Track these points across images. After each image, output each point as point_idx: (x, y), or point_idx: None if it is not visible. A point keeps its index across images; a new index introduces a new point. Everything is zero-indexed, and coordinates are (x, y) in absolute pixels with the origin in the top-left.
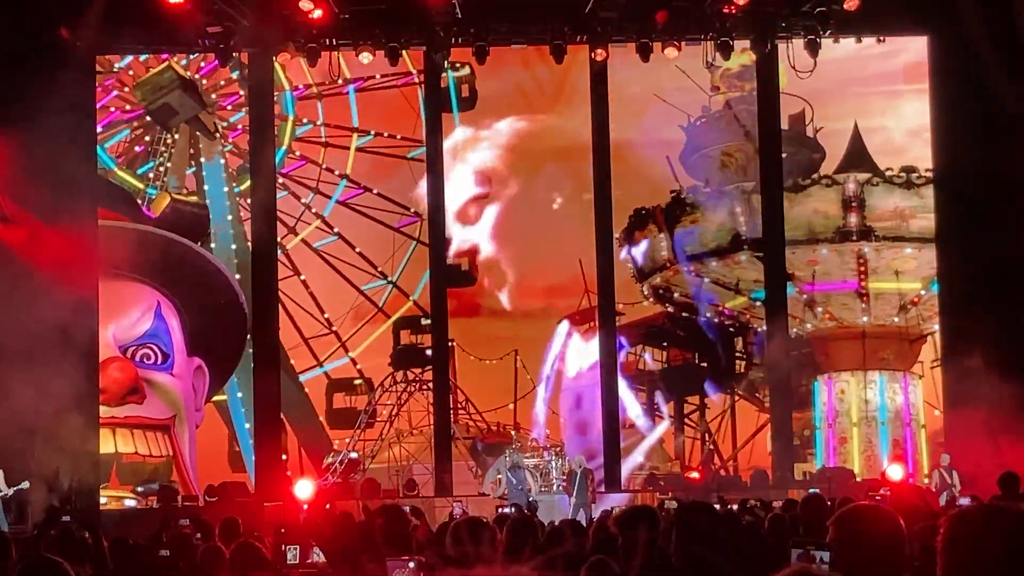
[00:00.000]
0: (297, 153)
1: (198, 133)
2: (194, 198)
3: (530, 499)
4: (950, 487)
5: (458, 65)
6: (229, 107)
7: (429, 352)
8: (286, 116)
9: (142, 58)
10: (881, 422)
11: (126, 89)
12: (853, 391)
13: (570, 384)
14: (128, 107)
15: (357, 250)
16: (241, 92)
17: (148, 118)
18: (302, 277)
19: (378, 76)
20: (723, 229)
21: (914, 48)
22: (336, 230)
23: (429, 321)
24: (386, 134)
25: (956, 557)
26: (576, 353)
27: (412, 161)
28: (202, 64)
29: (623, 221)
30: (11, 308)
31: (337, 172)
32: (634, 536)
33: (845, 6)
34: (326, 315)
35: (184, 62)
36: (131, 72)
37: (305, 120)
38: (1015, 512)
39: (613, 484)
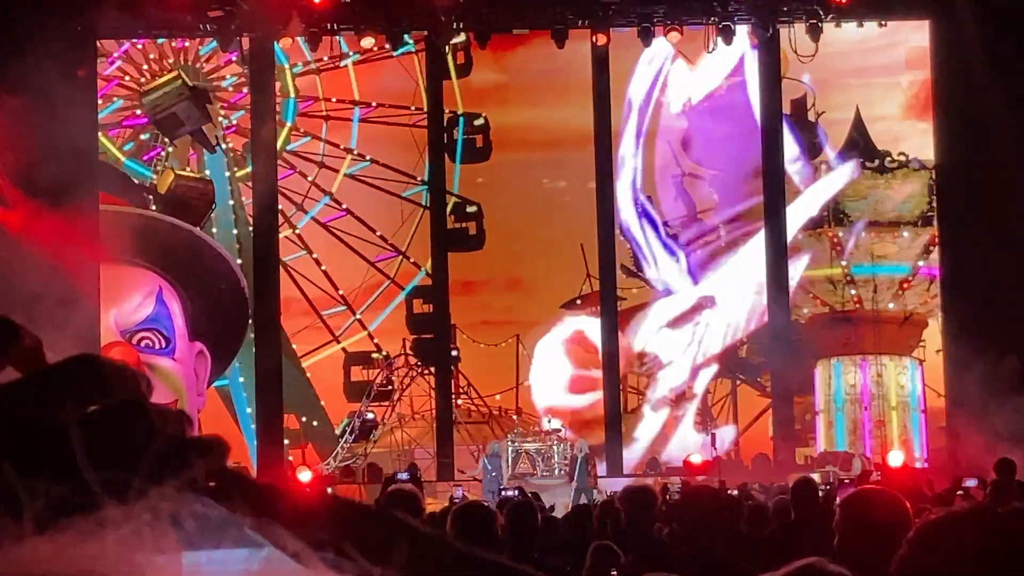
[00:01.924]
0: (301, 129)
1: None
2: (197, 174)
3: (500, 488)
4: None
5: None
6: (230, 88)
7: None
8: (284, 123)
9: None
10: (891, 407)
11: (127, 78)
12: (864, 375)
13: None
14: (128, 78)
15: (366, 223)
16: (245, 91)
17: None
18: (315, 256)
19: (388, 105)
20: None
21: (916, 38)
22: (344, 206)
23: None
24: (388, 104)
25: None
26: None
27: (414, 128)
28: (200, 46)
29: None
30: (10, 293)
31: (342, 146)
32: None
33: None
34: (340, 291)
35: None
36: (140, 46)
37: (303, 130)
38: (985, 518)
39: (615, 468)
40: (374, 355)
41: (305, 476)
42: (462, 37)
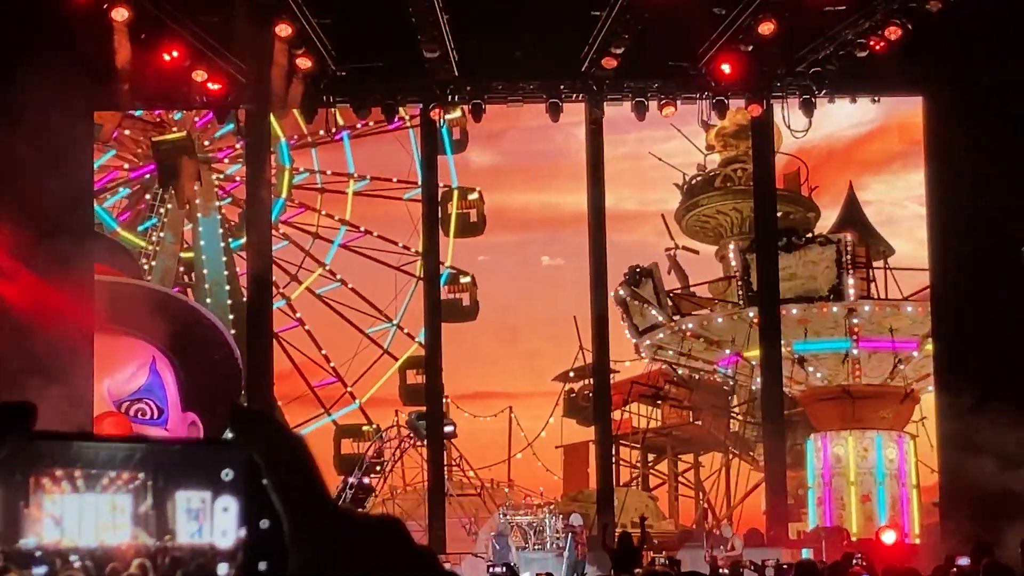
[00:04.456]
0: (296, 201)
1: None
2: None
3: (512, 565)
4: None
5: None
6: (226, 160)
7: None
8: (283, 166)
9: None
10: (879, 482)
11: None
12: (851, 450)
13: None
14: (127, 166)
15: (360, 294)
16: (237, 146)
17: (153, 172)
18: (307, 328)
19: (371, 123)
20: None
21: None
22: (339, 276)
23: None
24: (382, 177)
25: None
26: None
27: (409, 202)
28: (196, 118)
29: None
30: (5, 362)
31: (337, 217)
32: None
33: (840, 66)
34: (332, 364)
35: (179, 115)
36: (127, 132)
37: (301, 168)
38: None
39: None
40: (364, 428)
41: None
42: (458, 113)
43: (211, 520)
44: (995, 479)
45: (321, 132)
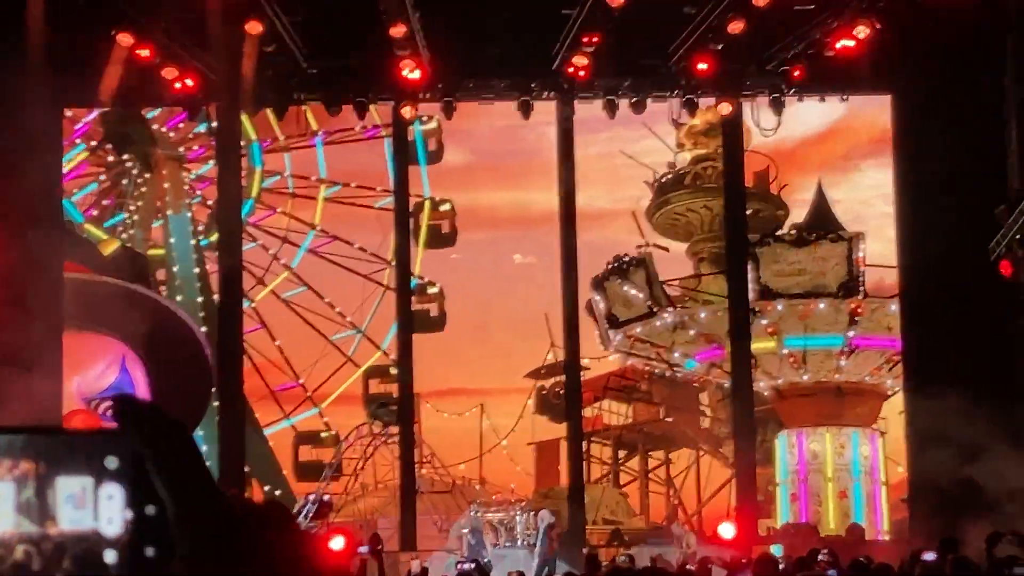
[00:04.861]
0: (266, 204)
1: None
2: (160, 249)
3: (485, 560)
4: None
5: (425, 118)
6: (197, 160)
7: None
8: (253, 168)
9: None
10: (855, 478)
11: (93, 143)
12: (828, 446)
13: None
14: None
15: (326, 300)
16: (208, 145)
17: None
18: (269, 330)
19: (356, 128)
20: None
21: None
22: (304, 281)
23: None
24: (354, 184)
25: None
26: None
27: (381, 211)
28: (169, 117)
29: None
30: None
31: (308, 223)
32: None
33: (809, 65)
34: (293, 368)
35: (152, 113)
36: (99, 128)
37: (273, 171)
38: None
39: (577, 539)
40: (323, 434)
41: None
42: (434, 124)
43: (96, 507)
44: (963, 475)
45: (294, 135)
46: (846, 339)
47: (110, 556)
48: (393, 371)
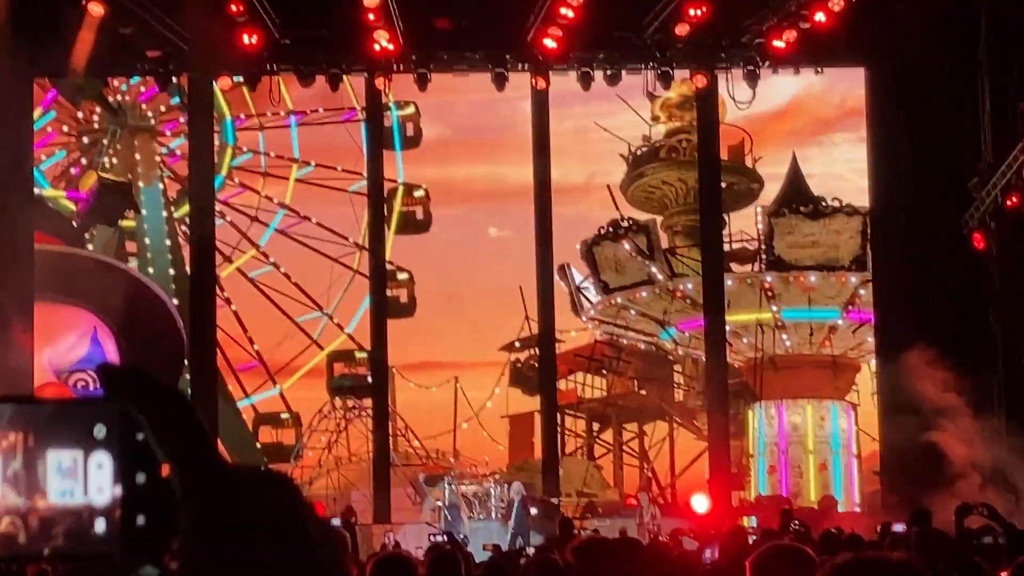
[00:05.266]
0: (236, 181)
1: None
2: (121, 177)
3: (462, 536)
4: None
5: (403, 103)
6: (168, 133)
7: (370, 379)
8: (225, 144)
9: None
10: (834, 451)
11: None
12: (809, 419)
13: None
14: (66, 128)
15: (293, 281)
16: (181, 119)
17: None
18: (233, 307)
19: (321, 110)
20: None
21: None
22: (272, 259)
23: (364, 355)
24: (326, 165)
25: None
26: None
27: (354, 194)
28: (142, 89)
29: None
30: None
31: (276, 200)
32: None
33: (784, 37)
34: (256, 347)
35: (125, 87)
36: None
37: (246, 148)
38: (894, 563)
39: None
40: (283, 415)
41: None
42: (412, 109)
43: (85, 477)
44: (935, 446)
45: (269, 114)
46: (842, 312)
47: (100, 526)
48: (359, 355)
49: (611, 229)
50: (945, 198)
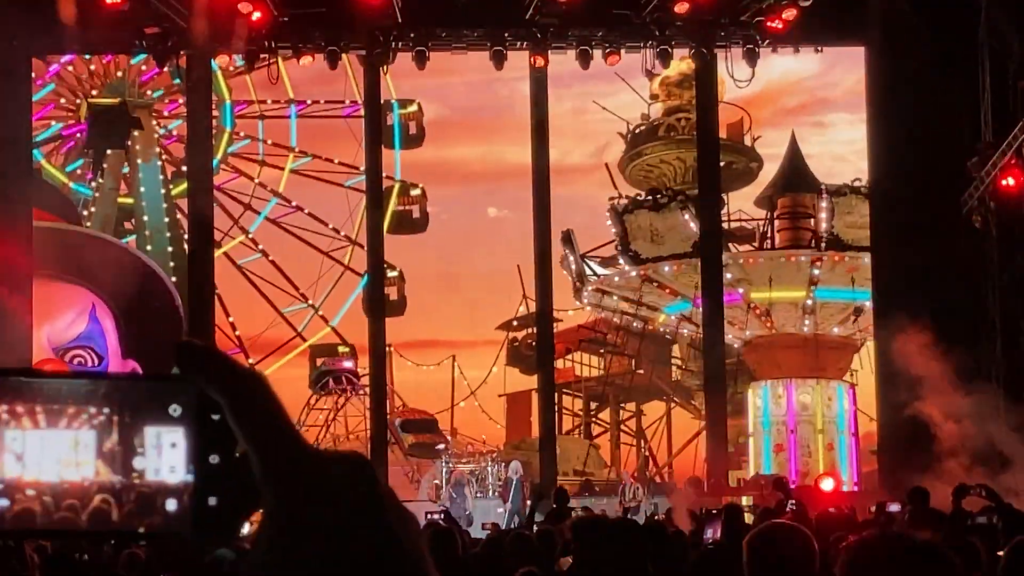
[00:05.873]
0: (231, 166)
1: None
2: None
3: (467, 513)
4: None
5: (405, 101)
6: (167, 113)
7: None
8: (223, 128)
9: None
10: (840, 430)
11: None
12: (818, 398)
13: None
14: (63, 100)
15: (282, 270)
16: (180, 101)
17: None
18: (217, 291)
19: (323, 102)
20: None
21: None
22: (261, 247)
23: (347, 349)
24: (324, 158)
25: None
26: None
27: (349, 189)
28: (143, 68)
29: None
30: None
31: (270, 188)
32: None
33: (783, 16)
34: (237, 332)
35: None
36: (71, 68)
37: (243, 134)
38: (917, 542)
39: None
40: None
41: None
42: (415, 107)
43: (160, 456)
44: (933, 425)
45: (269, 101)
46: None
47: (171, 505)
48: (342, 349)
49: (652, 197)
50: (945, 177)
